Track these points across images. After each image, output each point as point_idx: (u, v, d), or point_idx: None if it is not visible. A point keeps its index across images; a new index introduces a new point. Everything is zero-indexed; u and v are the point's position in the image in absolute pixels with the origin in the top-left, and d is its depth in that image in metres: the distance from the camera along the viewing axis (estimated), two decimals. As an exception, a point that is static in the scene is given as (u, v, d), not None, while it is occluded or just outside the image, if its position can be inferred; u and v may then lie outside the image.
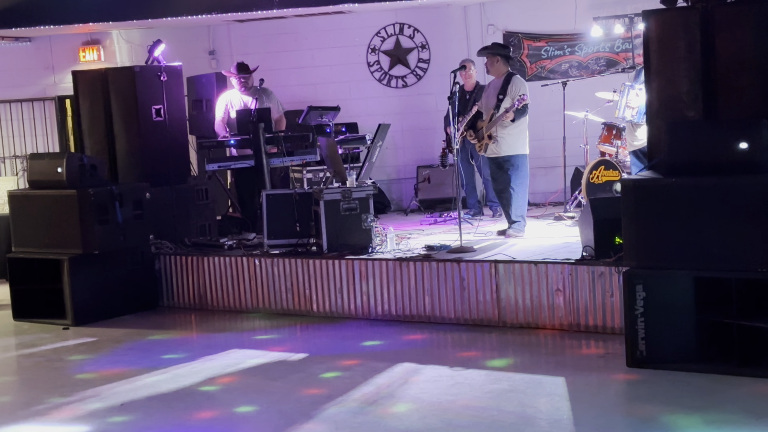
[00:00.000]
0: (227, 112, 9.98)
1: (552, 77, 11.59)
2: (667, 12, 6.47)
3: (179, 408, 5.60)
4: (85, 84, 9.49)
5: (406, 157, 12.40)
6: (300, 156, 9.83)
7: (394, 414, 5.28)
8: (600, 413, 5.12)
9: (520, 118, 8.74)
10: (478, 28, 12.16)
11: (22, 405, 5.87)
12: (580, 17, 11.49)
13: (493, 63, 9.02)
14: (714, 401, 5.18)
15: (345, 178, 8.38)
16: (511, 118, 8.67)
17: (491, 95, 9.00)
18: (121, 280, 8.39)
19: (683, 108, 6.26)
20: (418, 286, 7.52)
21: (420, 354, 6.65)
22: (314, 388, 5.88)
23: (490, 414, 5.19)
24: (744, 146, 5.61)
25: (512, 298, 7.13)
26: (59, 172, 8.19)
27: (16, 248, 8.53)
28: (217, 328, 7.96)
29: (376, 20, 12.42)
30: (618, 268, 6.55)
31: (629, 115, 9.12)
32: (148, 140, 9.25)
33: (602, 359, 6.22)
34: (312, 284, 7.98)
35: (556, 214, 9.88)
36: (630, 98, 9.01)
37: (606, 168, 9.66)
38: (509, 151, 8.84)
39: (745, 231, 5.51)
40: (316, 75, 12.51)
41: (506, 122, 8.73)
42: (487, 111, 9.02)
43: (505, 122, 8.73)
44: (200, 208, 9.66)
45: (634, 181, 5.97)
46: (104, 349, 7.25)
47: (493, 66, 9.01)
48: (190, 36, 12.72)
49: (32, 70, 13.45)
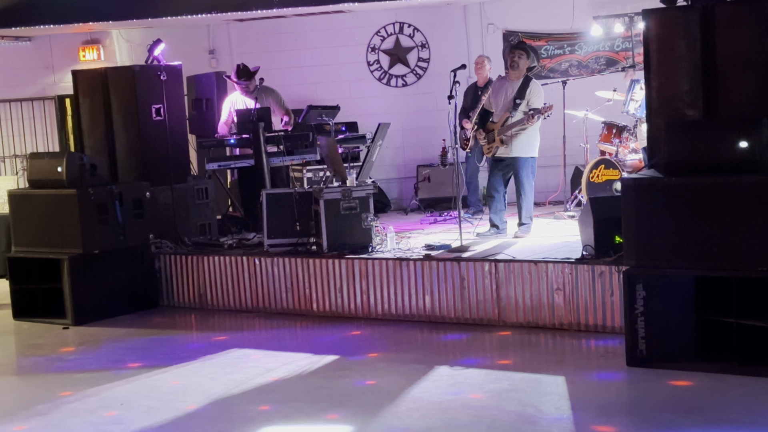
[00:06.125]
0: (231, 115, 9.97)
1: (552, 76, 11.59)
2: (667, 11, 6.47)
3: (180, 408, 5.59)
4: (84, 83, 9.49)
5: (406, 156, 12.40)
6: (300, 155, 9.83)
7: (394, 413, 5.27)
8: (600, 413, 5.12)
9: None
10: (477, 27, 12.16)
11: (22, 405, 5.87)
12: (579, 16, 11.49)
13: (524, 62, 8.80)
14: (714, 401, 5.17)
15: (345, 178, 8.37)
16: (533, 124, 8.55)
17: (507, 96, 8.77)
18: (121, 279, 8.38)
19: (683, 107, 6.26)
20: (418, 286, 7.51)
21: (420, 354, 6.65)
22: (314, 388, 5.87)
23: (490, 413, 5.19)
24: (744, 145, 5.61)
25: (512, 298, 7.13)
26: (59, 172, 8.19)
27: (16, 248, 8.53)
28: (217, 328, 7.97)
29: (375, 19, 12.42)
30: (618, 267, 6.55)
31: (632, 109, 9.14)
32: (147, 140, 9.25)
33: (602, 358, 6.23)
34: (312, 284, 7.98)
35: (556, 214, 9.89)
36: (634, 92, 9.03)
37: (606, 167, 9.66)
38: (519, 153, 8.67)
39: (745, 230, 5.51)
40: (315, 74, 12.51)
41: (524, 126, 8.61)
42: (500, 112, 8.81)
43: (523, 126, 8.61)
44: (200, 207, 9.66)
45: (634, 180, 5.97)
46: (104, 349, 7.25)
47: (523, 64, 8.80)
48: (190, 35, 12.72)
49: (32, 70, 13.46)
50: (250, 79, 9.94)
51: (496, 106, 8.91)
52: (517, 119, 8.61)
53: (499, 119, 8.79)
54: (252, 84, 9.96)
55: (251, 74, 9.94)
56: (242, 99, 9.97)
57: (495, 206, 8.76)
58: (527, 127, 8.57)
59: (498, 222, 8.72)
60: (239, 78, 9.91)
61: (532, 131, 8.67)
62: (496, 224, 8.72)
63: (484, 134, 8.90)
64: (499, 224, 8.71)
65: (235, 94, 10.14)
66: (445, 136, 10.97)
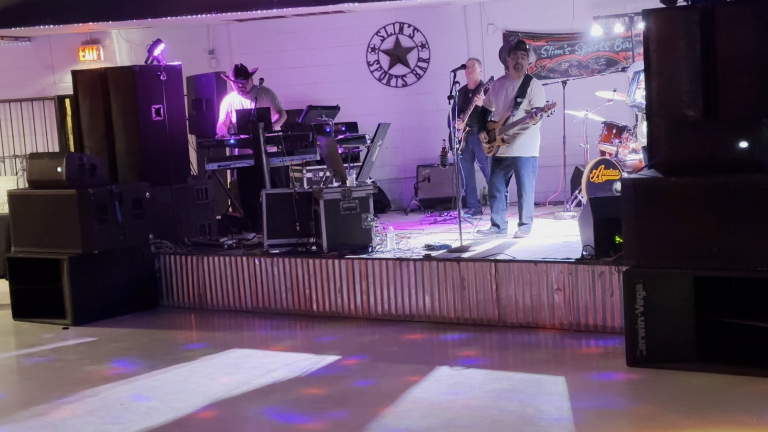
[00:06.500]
0: (228, 115, 9.99)
1: (552, 76, 11.59)
2: (667, 11, 6.48)
3: (180, 408, 5.59)
4: (84, 83, 9.49)
5: (406, 156, 12.40)
6: (300, 155, 9.83)
7: (394, 413, 5.27)
8: (600, 413, 5.12)
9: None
10: (477, 27, 12.16)
11: (22, 405, 5.86)
12: (579, 16, 11.49)
13: (526, 61, 8.83)
14: (714, 401, 5.17)
15: (345, 178, 8.37)
16: (535, 122, 8.57)
17: (507, 95, 8.77)
18: (121, 279, 8.38)
19: (683, 107, 6.26)
20: (418, 286, 7.51)
21: (420, 354, 6.65)
22: (314, 388, 5.87)
23: (490, 413, 5.19)
24: (744, 145, 5.61)
25: (512, 298, 7.13)
26: (59, 172, 8.18)
27: (16, 248, 8.53)
28: (217, 328, 7.97)
29: (375, 19, 12.42)
30: (618, 267, 6.54)
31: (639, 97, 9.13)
32: (147, 140, 9.25)
33: (602, 359, 6.22)
34: (312, 284, 7.98)
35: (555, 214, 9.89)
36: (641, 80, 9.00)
37: (606, 167, 9.66)
38: (521, 153, 8.68)
39: (745, 230, 5.51)
40: (315, 74, 12.51)
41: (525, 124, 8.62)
42: (500, 111, 8.81)
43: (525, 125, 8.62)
44: (200, 207, 9.66)
45: (634, 180, 5.97)
46: (104, 349, 7.25)
47: (526, 64, 8.82)
48: (190, 35, 12.72)
49: (32, 70, 13.46)
50: (248, 79, 9.96)
51: (496, 106, 8.89)
52: (519, 117, 8.61)
53: (500, 118, 8.79)
54: (249, 84, 9.97)
55: (249, 74, 9.96)
56: (239, 99, 9.99)
57: (497, 206, 8.76)
58: (530, 125, 8.58)
59: (499, 221, 8.72)
60: (237, 77, 9.93)
61: (532, 131, 8.67)
62: (497, 224, 8.72)
63: (485, 133, 8.89)
64: (501, 224, 8.71)
65: (233, 95, 10.15)
66: (445, 137, 10.97)
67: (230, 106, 10.05)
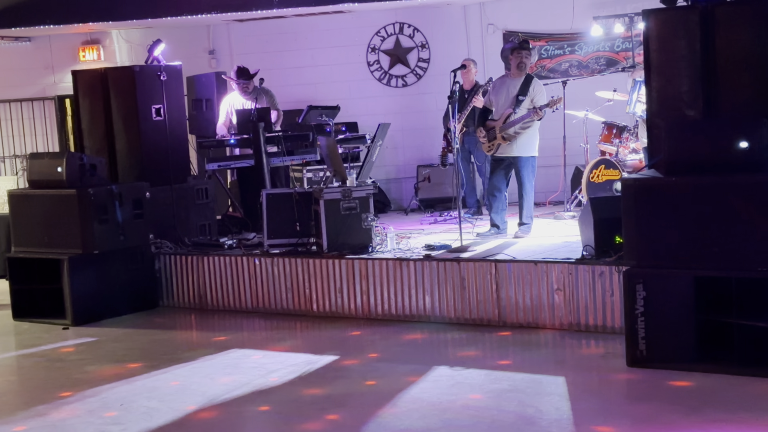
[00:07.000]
0: (228, 116, 9.99)
1: (552, 76, 11.58)
2: (667, 11, 6.47)
3: (180, 408, 5.59)
4: (84, 83, 9.49)
5: (406, 156, 12.40)
6: (300, 155, 9.83)
7: (393, 414, 5.27)
8: (600, 413, 5.12)
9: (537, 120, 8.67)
10: (477, 27, 12.16)
11: (22, 405, 5.87)
12: (580, 16, 11.48)
13: (529, 60, 8.87)
14: (714, 401, 5.17)
15: (345, 178, 8.37)
16: (539, 117, 8.58)
17: (509, 93, 8.77)
18: (121, 280, 8.38)
19: (683, 107, 6.26)
20: (418, 286, 7.51)
21: (420, 354, 6.65)
22: (314, 388, 5.87)
23: (490, 414, 5.19)
24: (744, 145, 5.61)
25: (512, 298, 7.13)
26: (59, 172, 8.18)
27: (16, 248, 8.53)
28: (217, 328, 7.96)
29: (375, 20, 12.42)
30: (618, 268, 6.55)
31: (640, 110, 9.12)
32: (147, 140, 9.24)
33: (602, 359, 6.22)
34: (312, 284, 7.98)
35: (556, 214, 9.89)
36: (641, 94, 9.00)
37: (606, 167, 9.66)
38: (521, 152, 8.68)
39: (745, 230, 5.51)
40: (315, 74, 12.51)
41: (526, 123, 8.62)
42: (501, 110, 8.80)
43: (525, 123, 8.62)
44: (200, 207, 9.65)
45: (635, 180, 5.97)
46: (104, 349, 7.25)
47: (529, 63, 8.86)
48: (190, 36, 12.72)
49: (32, 70, 13.46)
50: (250, 80, 9.97)
51: (496, 104, 8.90)
52: (521, 115, 8.61)
53: (499, 116, 8.79)
54: (251, 85, 9.99)
55: (251, 75, 9.97)
56: (240, 100, 10.00)
57: (497, 206, 8.76)
58: (530, 124, 8.59)
59: (499, 222, 8.72)
60: (239, 77, 9.93)
61: (532, 131, 8.68)
62: (497, 224, 8.72)
63: (485, 132, 8.89)
64: (500, 224, 8.71)
65: (233, 95, 10.16)
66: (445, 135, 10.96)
67: (230, 106, 10.05)
